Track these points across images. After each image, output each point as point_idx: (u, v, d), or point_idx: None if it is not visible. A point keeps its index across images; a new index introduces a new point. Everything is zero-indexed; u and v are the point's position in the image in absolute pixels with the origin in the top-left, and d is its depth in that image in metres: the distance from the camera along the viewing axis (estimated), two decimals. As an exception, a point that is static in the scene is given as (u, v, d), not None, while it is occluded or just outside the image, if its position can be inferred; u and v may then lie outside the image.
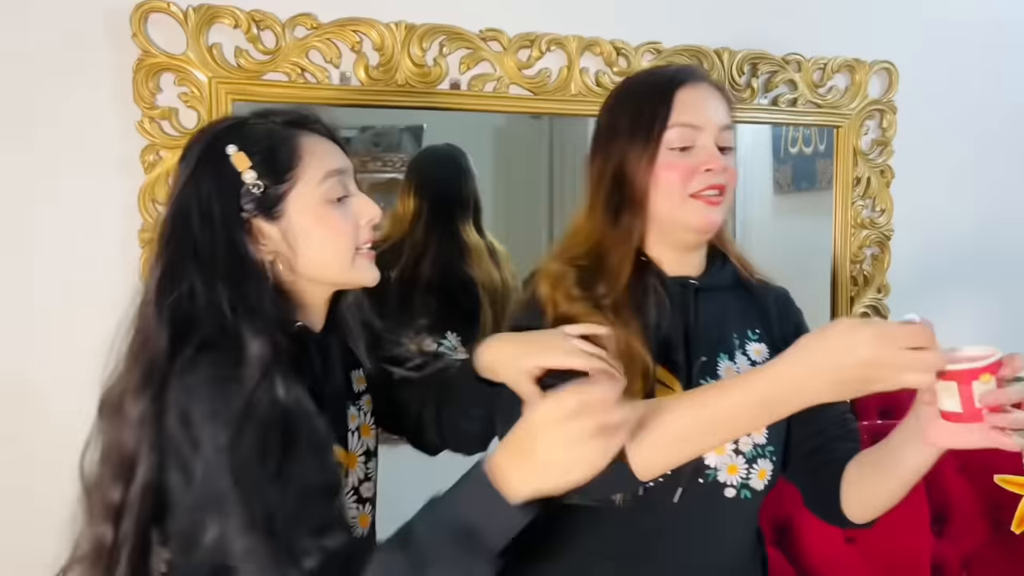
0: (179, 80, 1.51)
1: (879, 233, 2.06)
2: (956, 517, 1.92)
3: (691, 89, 1.09)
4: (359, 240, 1.03)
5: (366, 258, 1.05)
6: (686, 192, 1.07)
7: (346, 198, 1.02)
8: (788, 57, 1.93)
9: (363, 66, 1.60)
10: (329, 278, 1.04)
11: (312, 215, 0.99)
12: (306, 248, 0.99)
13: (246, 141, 0.98)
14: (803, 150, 2.05)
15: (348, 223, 1.02)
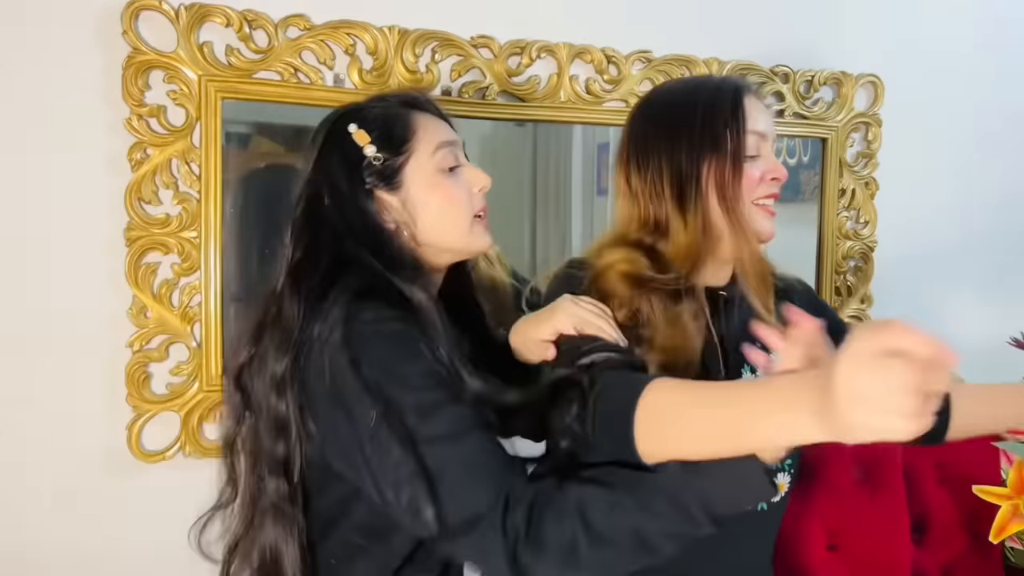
0: (168, 78, 1.50)
1: (863, 244, 2.08)
2: (935, 527, 1.94)
3: (753, 98, 1.09)
4: (473, 207, 1.11)
5: (481, 224, 1.12)
6: (751, 199, 1.08)
7: (458, 168, 1.11)
8: (776, 69, 1.95)
9: (357, 69, 1.59)
10: (449, 244, 1.11)
11: (428, 184, 1.08)
12: (425, 216, 1.08)
13: (364, 120, 1.09)
14: (787, 161, 2.06)
15: (462, 191, 1.10)
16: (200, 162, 1.52)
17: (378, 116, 1.09)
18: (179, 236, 1.52)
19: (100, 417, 1.50)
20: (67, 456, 1.49)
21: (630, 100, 1.82)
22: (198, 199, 1.52)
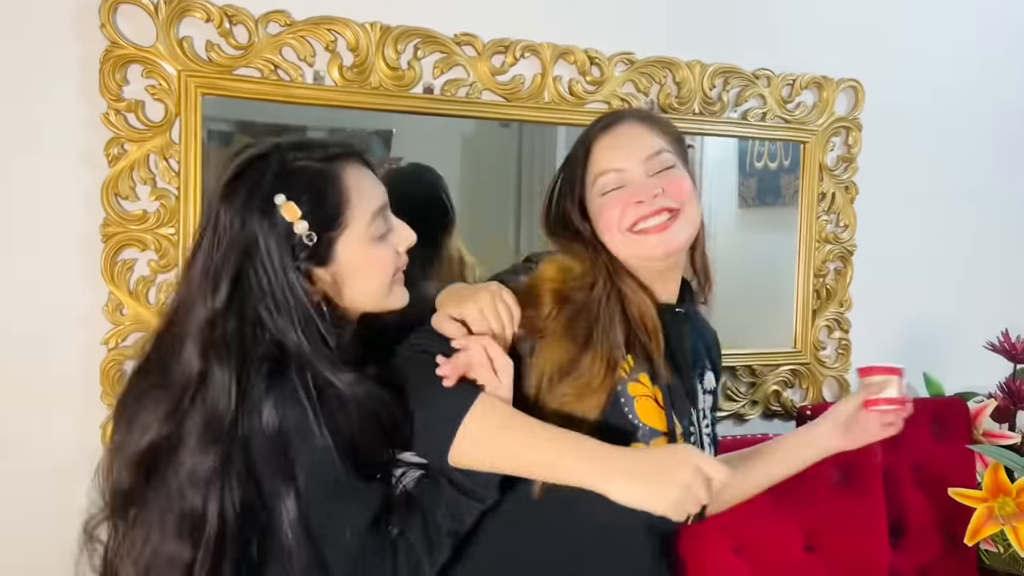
0: (147, 72, 1.48)
1: (842, 248, 2.10)
2: (912, 529, 1.96)
3: (608, 136, 1.17)
4: (397, 267, 1.07)
5: (399, 283, 1.09)
6: (623, 227, 1.14)
7: (387, 232, 1.06)
8: (758, 72, 1.96)
9: (337, 66, 1.58)
10: (367, 308, 1.07)
11: (360, 256, 1.03)
12: (352, 285, 1.04)
13: (293, 188, 0.98)
14: (768, 165, 2.07)
15: (389, 254, 1.06)
16: (179, 158, 1.50)
17: (308, 182, 0.99)
18: (156, 233, 1.50)
19: (74, 415, 1.48)
20: (40, 455, 1.47)
21: (612, 102, 1.82)
22: (177, 195, 1.51)
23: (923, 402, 2.10)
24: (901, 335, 2.18)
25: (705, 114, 1.92)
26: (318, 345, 0.98)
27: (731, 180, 2.08)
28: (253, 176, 1.00)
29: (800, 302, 2.07)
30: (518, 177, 1.82)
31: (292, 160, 1.01)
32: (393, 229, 1.07)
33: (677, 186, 1.15)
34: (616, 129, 1.18)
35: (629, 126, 1.19)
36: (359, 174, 1.04)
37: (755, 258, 2.10)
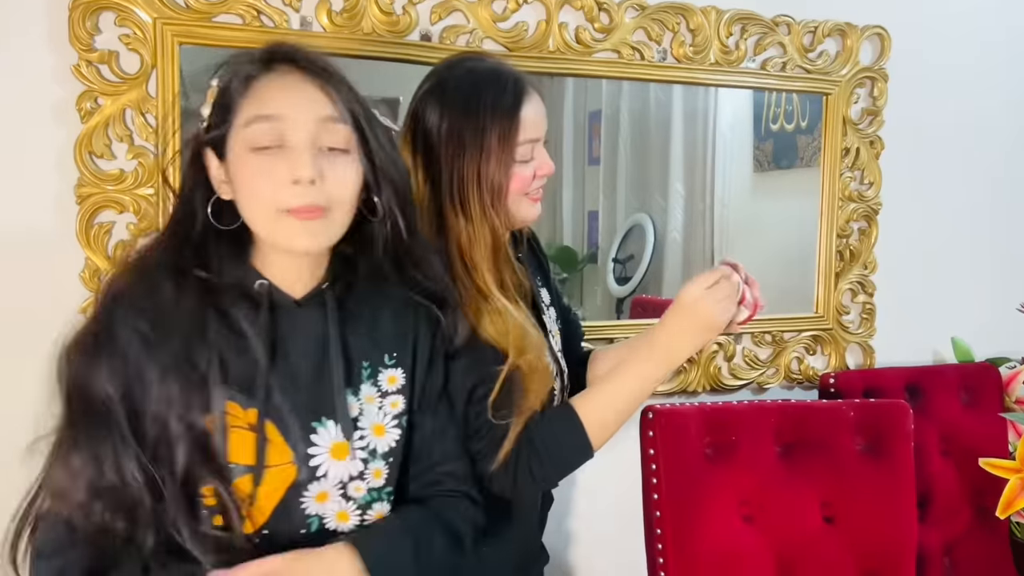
0: (120, 20, 1.37)
1: (867, 207, 1.98)
2: (938, 501, 1.87)
3: (528, 103, 1.17)
4: (281, 199, 0.93)
5: (295, 219, 0.94)
6: (522, 194, 1.19)
7: (278, 148, 0.93)
8: (778, 19, 1.84)
9: (326, 10, 1.47)
10: (260, 236, 0.98)
11: (236, 161, 0.95)
12: (238, 196, 0.96)
13: (227, 74, 0.97)
14: (785, 126, 1.96)
15: (268, 178, 0.93)
16: (156, 113, 1.40)
17: (233, 74, 0.97)
18: (135, 193, 1.41)
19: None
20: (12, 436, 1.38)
21: (622, 51, 1.70)
22: (155, 153, 1.41)
23: (951, 368, 2.01)
24: (928, 298, 2.07)
25: (722, 64, 1.80)
26: (175, 231, 0.99)
27: (746, 143, 1.97)
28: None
29: (822, 264, 1.97)
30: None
31: (239, 55, 0.99)
32: (286, 151, 0.93)
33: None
34: (534, 96, 1.20)
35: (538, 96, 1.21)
36: (283, 80, 0.96)
37: (772, 223, 2.01)
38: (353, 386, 1.02)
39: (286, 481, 0.97)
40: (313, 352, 1.00)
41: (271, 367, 0.96)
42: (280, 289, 1.00)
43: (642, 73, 1.74)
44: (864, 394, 1.83)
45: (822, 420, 1.60)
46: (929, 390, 1.93)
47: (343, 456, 0.99)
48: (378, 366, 1.04)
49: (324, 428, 0.99)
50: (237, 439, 0.94)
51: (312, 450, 0.98)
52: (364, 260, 1.05)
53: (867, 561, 1.58)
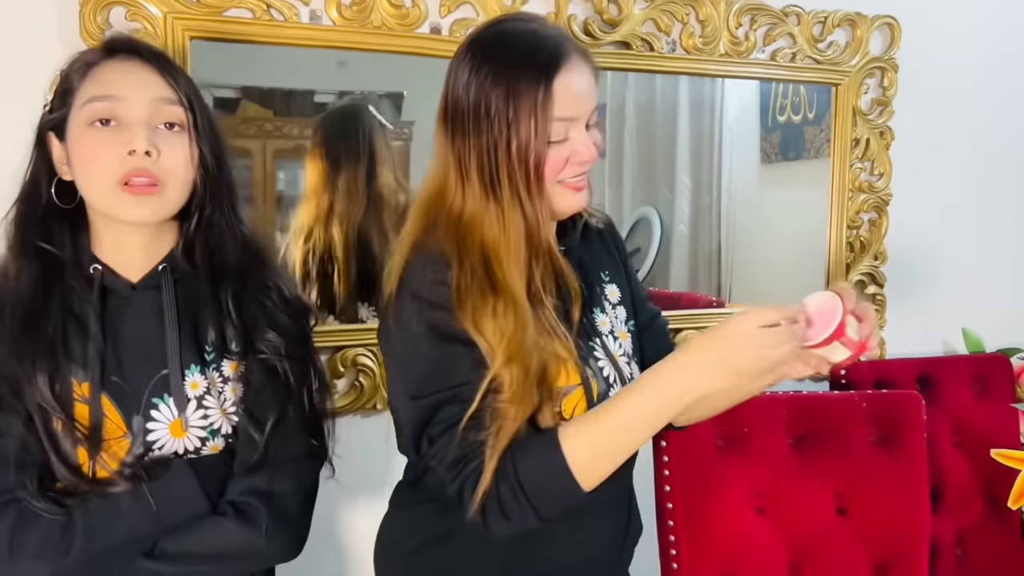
0: (131, 15, 1.37)
1: (877, 198, 1.98)
2: (950, 492, 1.87)
3: (566, 73, 1.00)
4: (119, 170, 0.99)
5: (131, 193, 1.00)
6: (554, 181, 1.03)
7: (113, 123, 1.00)
8: (788, 9, 1.83)
9: (335, 4, 1.47)
10: (98, 210, 1.04)
11: (74, 139, 1.02)
12: (76, 172, 1.03)
13: (69, 64, 1.05)
14: (792, 118, 1.95)
15: (105, 151, 0.99)
16: (167, 107, 1.40)
17: (74, 63, 1.05)
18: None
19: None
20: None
21: (633, 43, 1.70)
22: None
23: (963, 359, 2.01)
24: (939, 289, 2.07)
25: (731, 55, 1.79)
26: (21, 210, 1.05)
27: (753, 135, 1.97)
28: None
29: (832, 255, 1.96)
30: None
31: (91, 47, 1.08)
32: (122, 127, 1.00)
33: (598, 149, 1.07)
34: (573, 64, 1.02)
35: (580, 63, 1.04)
36: (119, 65, 1.03)
37: (780, 214, 2.01)
38: (201, 365, 1.07)
39: (119, 453, 1.02)
40: (152, 330, 1.05)
41: (105, 345, 1.02)
42: (116, 272, 1.06)
43: (652, 65, 1.74)
44: (875, 385, 1.83)
45: (834, 411, 1.60)
46: (940, 381, 1.93)
47: (181, 434, 1.04)
48: (223, 353, 1.08)
49: (165, 405, 1.04)
50: (79, 412, 1.00)
51: (151, 425, 1.03)
52: (203, 245, 1.09)
53: (880, 552, 1.57)
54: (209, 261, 1.09)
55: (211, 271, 1.09)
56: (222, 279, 1.09)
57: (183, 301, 1.08)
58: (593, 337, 1.11)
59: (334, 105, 1.59)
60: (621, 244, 1.25)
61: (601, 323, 1.14)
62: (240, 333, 1.09)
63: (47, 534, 0.96)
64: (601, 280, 1.18)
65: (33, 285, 1.01)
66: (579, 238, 1.17)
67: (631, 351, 1.17)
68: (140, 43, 1.07)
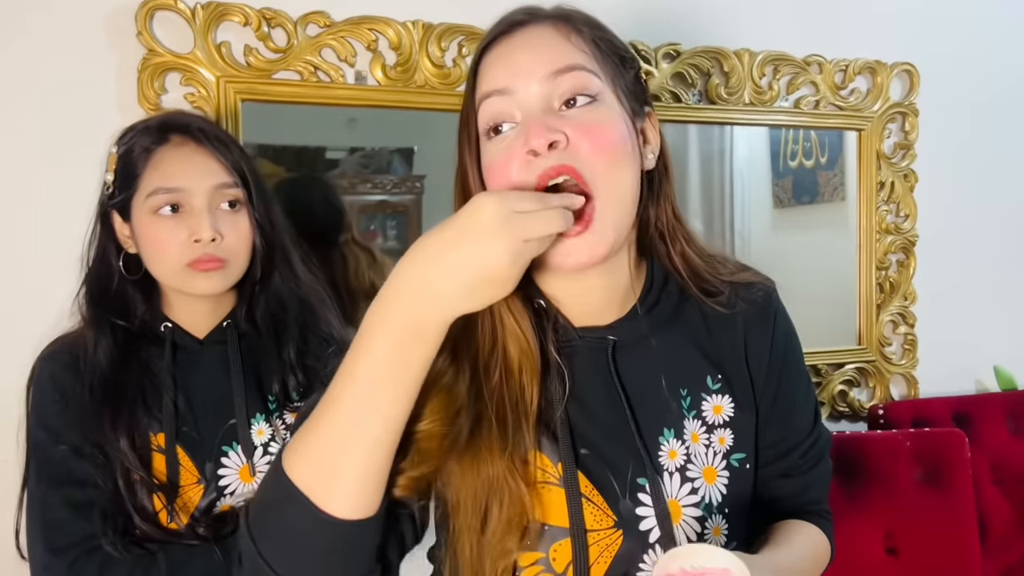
0: (185, 80, 1.43)
1: (904, 239, 2.01)
2: (993, 529, 1.86)
3: (500, 45, 0.78)
4: (184, 256, 1.08)
5: (197, 271, 1.08)
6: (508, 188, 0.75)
7: (181, 213, 1.08)
8: (809, 58, 1.89)
9: (380, 65, 1.53)
10: (166, 284, 1.12)
11: (141, 224, 1.09)
12: (143, 253, 1.10)
13: (127, 143, 1.11)
14: (803, 163, 1.99)
15: (172, 238, 1.07)
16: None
17: (132, 144, 1.11)
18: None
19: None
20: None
21: (662, 95, 1.75)
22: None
23: (996, 397, 2.01)
24: (969, 327, 2.08)
25: (756, 104, 1.84)
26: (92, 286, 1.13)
27: (764, 180, 2.00)
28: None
29: (863, 297, 1.98)
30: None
31: (138, 126, 1.13)
32: (187, 215, 1.08)
33: (591, 134, 0.74)
34: (516, 34, 0.78)
35: (536, 28, 0.78)
36: (179, 151, 1.10)
37: (796, 258, 2.03)
38: (266, 413, 1.13)
39: (195, 498, 1.08)
40: (219, 382, 1.12)
41: (177, 398, 1.09)
42: (184, 330, 1.14)
43: (679, 116, 1.79)
44: (912, 424, 1.83)
45: (879, 451, 1.61)
46: (976, 419, 1.93)
47: (250, 479, 1.10)
48: (284, 400, 1.15)
49: (234, 452, 1.10)
50: (156, 461, 1.07)
51: (222, 471, 1.09)
52: (263, 306, 1.17)
53: (931, 592, 1.57)
54: (271, 321, 1.16)
55: (273, 330, 1.16)
56: (283, 336, 1.15)
57: (246, 354, 1.14)
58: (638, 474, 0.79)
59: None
60: (777, 333, 0.88)
61: (669, 454, 0.81)
62: (303, 386, 1.15)
63: (132, 571, 1.01)
64: (695, 386, 0.84)
65: (110, 357, 1.07)
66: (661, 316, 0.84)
67: (718, 501, 0.82)
68: (193, 122, 1.13)
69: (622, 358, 0.81)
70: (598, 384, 0.78)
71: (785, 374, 0.88)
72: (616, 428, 0.79)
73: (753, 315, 0.87)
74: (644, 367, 0.82)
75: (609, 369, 0.80)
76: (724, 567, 0.66)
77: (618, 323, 0.82)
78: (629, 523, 0.77)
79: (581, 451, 0.78)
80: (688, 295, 0.86)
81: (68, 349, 1.09)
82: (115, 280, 1.13)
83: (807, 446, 0.90)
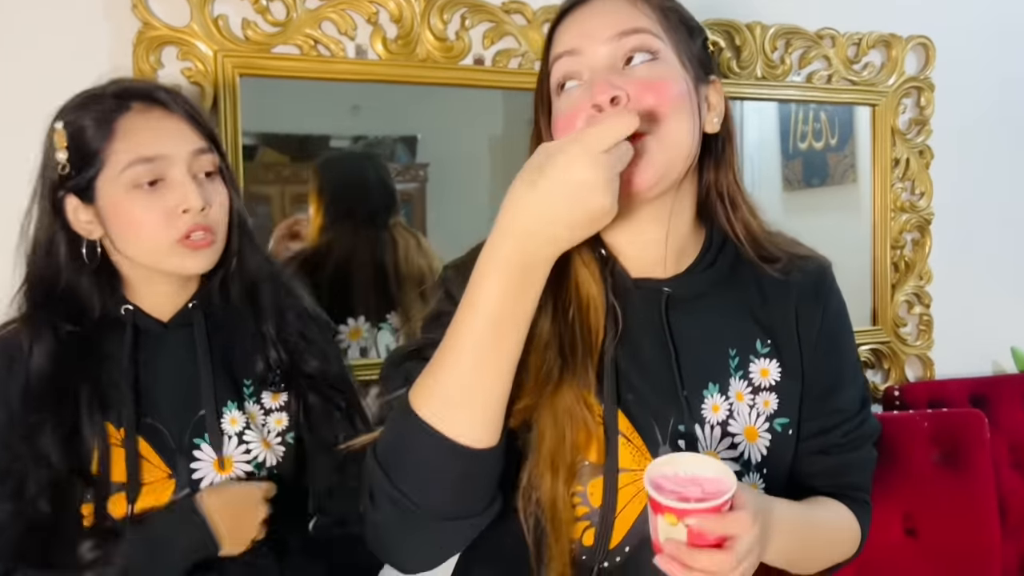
0: (182, 54, 1.39)
1: (919, 217, 1.96)
2: (1012, 512, 1.82)
3: (574, 13, 0.84)
4: (173, 229, 0.98)
5: (187, 246, 0.99)
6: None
7: (161, 184, 0.98)
8: (822, 32, 1.84)
9: (380, 39, 1.49)
10: (147, 265, 1.01)
11: (118, 201, 0.98)
12: (118, 233, 0.99)
13: (73, 119, 0.98)
14: (813, 144, 1.95)
15: (156, 212, 0.97)
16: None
17: (86, 114, 0.98)
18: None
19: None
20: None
21: (670, 69, 1.71)
22: (218, 184, 1.41)
23: (1014, 378, 1.97)
24: (986, 307, 2.04)
25: (768, 78, 1.80)
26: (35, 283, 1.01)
27: (774, 163, 1.96)
28: (63, 106, 1.02)
29: (877, 277, 1.94)
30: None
31: (88, 96, 1.00)
32: (170, 185, 0.98)
33: (651, 89, 0.78)
34: (587, 4, 0.84)
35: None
36: (146, 117, 0.99)
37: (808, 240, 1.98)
38: (238, 400, 1.05)
39: (164, 495, 0.99)
40: (186, 369, 1.03)
41: (139, 387, 1.00)
42: (147, 314, 1.04)
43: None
44: (929, 406, 1.79)
45: (896, 432, 1.57)
46: (994, 400, 1.89)
47: (229, 469, 1.03)
48: (260, 385, 1.07)
49: (206, 443, 1.02)
50: (116, 457, 0.98)
51: (195, 464, 1.01)
52: (238, 281, 1.08)
53: (950, 574, 1.53)
54: (247, 295, 1.08)
55: (250, 306, 1.08)
56: (262, 312, 1.08)
57: (214, 337, 1.06)
58: (679, 421, 0.83)
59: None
60: (829, 309, 0.92)
61: (712, 407, 0.85)
62: (287, 363, 1.08)
63: None
64: (744, 348, 0.87)
65: (51, 356, 0.98)
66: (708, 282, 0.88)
67: (757, 460, 0.86)
68: (153, 87, 1.04)
69: (674, 312, 0.85)
70: (649, 334, 0.82)
71: (833, 351, 0.90)
72: (662, 377, 0.84)
73: (808, 287, 0.91)
74: (694, 323, 0.86)
75: (661, 320, 0.84)
76: (716, 476, 0.70)
77: (674, 278, 0.87)
78: None
79: (628, 396, 0.83)
80: (744, 260, 0.89)
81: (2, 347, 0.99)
82: (63, 274, 1.01)
83: (850, 427, 0.91)
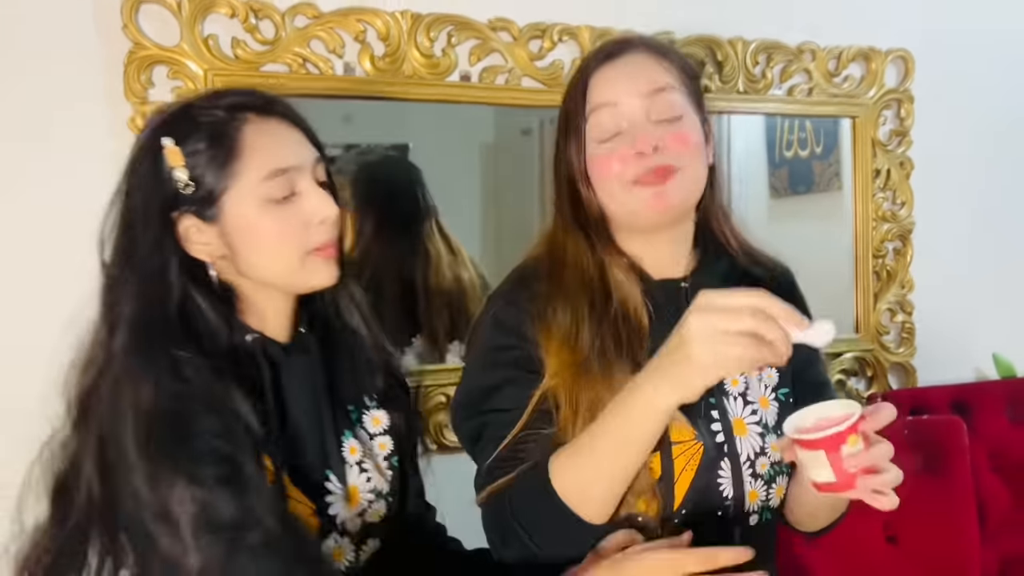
0: (173, 73, 1.41)
1: (900, 226, 2.00)
2: (992, 518, 1.84)
3: (608, 67, 1.01)
4: (308, 242, 0.93)
5: (320, 258, 0.94)
6: (625, 181, 0.98)
7: (293, 196, 0.92)
8: (803, 46, 1.87)
9: (368, 56, 1.52)
10: (276, 282, 0.95)
11: (251, 217, 0.91)
12: (248, 252, 0.92)
13: (184, 135, 0.90)
14: (799, 153, 1.98)
15: (292, 225, 0.92)
16: (209, 161, 1.43)
17: (200, 129, 0.90)
18: (189, 240, 1.43)
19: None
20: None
21: (654, 83, 1.74)
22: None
23: (995, 384, 2.00)
24: (967, 314, 2.07)
25: (749, 92, 1.83)
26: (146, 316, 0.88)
27: (761, 171, 1.99)
28: (154, 120, 0.94)
29: (860, 286, 1.97)
30: (541, 187, 1.74)
31: (193, 108, 0.92)
32: (304, 194, 0.93)
33: (680, 140, 0.98)
34: (619, 60, 1.01)
35: (635, 55, 1.02)
36: (267, 128, 0.92)
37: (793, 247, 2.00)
38: (350, 428, 1.01)
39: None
40: (308, 399, 0.98)
41: (277, 420, 0.93)
42: (269, 338, 0.96)
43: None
44: (911, 413, 1.82)
45: (877, 439, 1.59)
46: (975, 407, 1.92)
47: (355, 501, 0.99)
48: (361, 408, 1.04)
49: (333, 475, 0.98)
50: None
51: (328, 498, 0.97)
52: (334, 304, 1.04)
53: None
54: (356, 315, 1.05)
55: (345, 329, 1.04)
56: (370, 330, 1.05)
57: (323, 361, 1.02)
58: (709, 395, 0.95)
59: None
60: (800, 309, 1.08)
61: (731, 382, 1.02)
62: (381, 386, 1.06)
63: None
64: None
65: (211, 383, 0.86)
66: (715, 277, 1.06)
67: (771, 423, 1.03)
68: (274, 99, 0.97)
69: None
70: (673, 322, 0.90)
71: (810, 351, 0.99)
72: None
73: (785, 284, 1.13)
74: None
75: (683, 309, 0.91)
76: (844, 413, 0.81)
77: (688, 276, 1.06)
78: (706, 436, 0.98)
79: None
80: (736, 262, 1.09)
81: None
82: (175, 303, 0.89)
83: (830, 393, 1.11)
